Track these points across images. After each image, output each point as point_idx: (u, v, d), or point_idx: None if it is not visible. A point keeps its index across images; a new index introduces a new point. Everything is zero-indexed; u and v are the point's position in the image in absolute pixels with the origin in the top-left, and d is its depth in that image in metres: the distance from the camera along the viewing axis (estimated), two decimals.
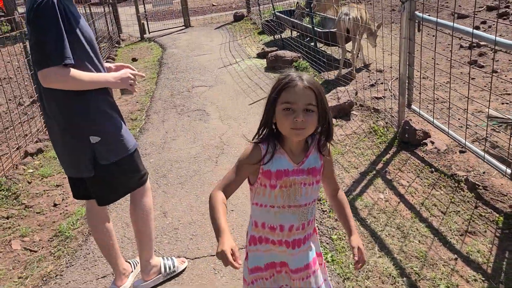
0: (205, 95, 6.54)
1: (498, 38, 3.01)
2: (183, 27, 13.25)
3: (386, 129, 4.67)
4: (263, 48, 8.71)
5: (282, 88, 1.52)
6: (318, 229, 3.09)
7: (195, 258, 2.98)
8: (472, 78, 5.86)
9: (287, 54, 7.48)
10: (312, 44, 7.84)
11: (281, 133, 1.59)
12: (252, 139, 1.64)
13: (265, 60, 7.89)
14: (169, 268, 2.78)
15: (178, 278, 2.80)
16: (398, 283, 2.57)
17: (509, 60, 6.32)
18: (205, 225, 3.34)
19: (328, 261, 2.76)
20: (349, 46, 7.22)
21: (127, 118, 5.90)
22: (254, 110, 5.67)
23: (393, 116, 4.90)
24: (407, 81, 4.33)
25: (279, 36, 9.20)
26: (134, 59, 9.49)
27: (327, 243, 2.97)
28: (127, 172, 2.39)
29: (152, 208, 2.61)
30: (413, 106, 4.41)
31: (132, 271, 2.78)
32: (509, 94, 5.18)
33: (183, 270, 2.86)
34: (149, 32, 12.71)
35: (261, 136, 1.63)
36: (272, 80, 6.84)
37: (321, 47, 8.08)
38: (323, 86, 6.23)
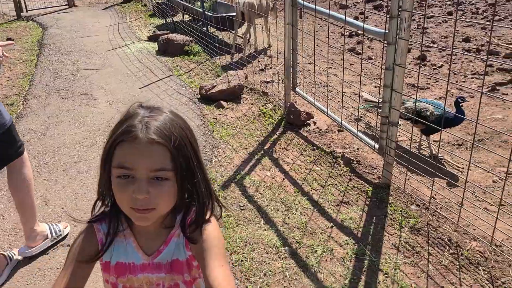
0: (92, 79, 6.21)
1: (366, 26, 3.32)
2: (67, 7, 12.33)
3: (274, 111, 4.89)
4: (154, 31, 8.48)
5: (115, 141, 0.98)
6: None
7: None
8: (351, 64, 6.37)
9: (179, 37, 7.39)
10: (204, 28, 7.85)
11: None
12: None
13: (156, 43, 7.71)
14: (56, 232, 2.85)
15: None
16: (281, 252, 2.75)
17: (382, 48, 6.98)
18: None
19: None
20: (242, 31, 7.36)
21: (2, 103, 5.37)
22: (145, 94, 5.54)
23: (280, 99, 5.14)
24: (291, 65, 4.56)
25: (170, 19, 9.03)
26: (9, 39, 8.61)
27: None
28: (5, 143, 2.46)
29: (32, 178, 2.65)
30: (297, 89, 4.67)
31: (7, 264, 2.60)
32: (381, 78, 5.74)
33: (67, 234, 2.96)
34: (27, 11, 11.62)
35: (97, 213, 1.13)
36: (164, 64, 6.76)
37: (213, 32, 8.12)
38: (214, 71, 6.30)
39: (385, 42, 3.12)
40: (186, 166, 1.02)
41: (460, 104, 3.52)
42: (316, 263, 2.65)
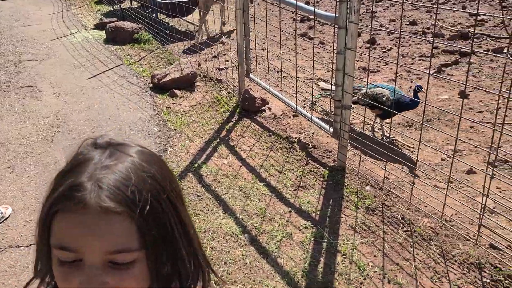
0: (36, 70, 5.89)
1: (317, 10, 3.33)
2: None
3: (229, 99, 4.84)
4: (101, 19, 8.15)
5: (52, 209, 0.65)
6: None
7: (30, 245, 2.74)
8: (304, 49, 6.41)
9: (128, 25, 7.14)
10: (154, 15, 7.63)
11: None
12: None
13: (103, 31, 7.41)
14: None
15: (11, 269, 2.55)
16: (240, 239, 2.75)
17: (333, 32, 7.06)
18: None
19: None
20: (195, 19, 7.20)
21: None
22: (93, 84, 5.32)
23: (235, 86, 5.10)
24: (244, 52, 4.52)
25: (118, 6, 8.70)
26: None
27: None
28: None
29: None
30: (251, 76, 4.64)
31: None
32: (333, 63, 5.80)
33: (10, 215, 3.01)
34: None
35: None
36: (113, 53, 6.53)
37: (164, 19, 7.91)
38: (166, 59, 6.16)
39: (336, 26, 3.14)
40: (163, 237, 0.69)
41: (418, 92, 3.62)
42: (276, 248, 2.66)
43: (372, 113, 3.95)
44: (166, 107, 4.69)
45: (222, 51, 6.33)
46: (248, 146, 3.89)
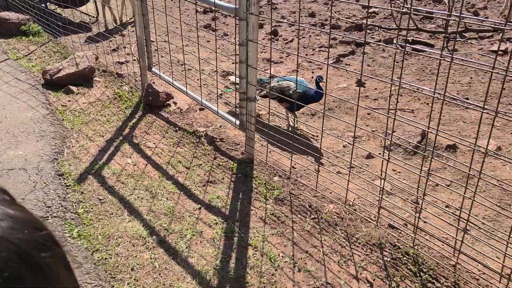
0: None
1: (217, 1, 3.26)
2: None
3: (131, 94, 4.61)
4: None
5: None
6: (61, 205, 2.87)
7: None
8: (208, 41, 6.32)
9: (13, 16, 6.49)
10: (43, 5, 7.00)
11: None
12: None
13: None
14: None
15: None
16: (148, 242, 2.62)
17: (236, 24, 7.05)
18: None
19: (74, 237, 2.59)
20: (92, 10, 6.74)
21: None
22: None
23: (137, 81, 4.87)
24: (145, 44, 4.32)
25: None
26: None
27: (73, 219, 2.78)
28: None
29: None
30: (154, 69, 4.46)
31: None
32: (237, 54, 5.80)
33: None
34: None
35: None
36: None
37: (55, 9, 7.31)
38: (60, 53, 5.69)
39: (237, 18, 3.11)
40: None
41: (320, 83, 3.72)
42: (186, 248, 2.58)
43: (281, 106, 4.01)
44: (61, 105, 4.34)
45: (122, 43, 6.01)
46: (154, 143, 3.74)
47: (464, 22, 6.01)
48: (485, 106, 2.00)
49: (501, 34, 3.44)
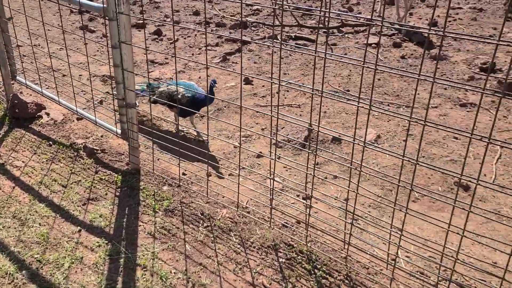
0: None
1: (82, 0, 2.96)
2: None
3: None
4: None
5: None
6: None
7: None
8: (85, 44, 5.83)
9: None
10: None
11: None
12: None
13: None
14: None
15: None
16: (17, 279, 2.27)
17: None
18: None
19: None
20: None
21: None
22: None
23: (1, 91, 4.30)
24: (5, 50, 3.81)
25: None
26: None
27: None
28: None
29: None
30: (19, 78, 3.96)
31: None
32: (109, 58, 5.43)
33: None
34: None
35: None
36: None
37: None
38: None
39: (106, 18, 2.85)
40: None
41: (213, 87, 3.56)
42: (64, 279, 2.28)
43: (172, 111, 3.80)
44: None
45: None
46: (23, 162, 3.30)
47: (341, 19, 6.33)
48: (361, 98, 2.03)
49: (368, 29, 3.62)
